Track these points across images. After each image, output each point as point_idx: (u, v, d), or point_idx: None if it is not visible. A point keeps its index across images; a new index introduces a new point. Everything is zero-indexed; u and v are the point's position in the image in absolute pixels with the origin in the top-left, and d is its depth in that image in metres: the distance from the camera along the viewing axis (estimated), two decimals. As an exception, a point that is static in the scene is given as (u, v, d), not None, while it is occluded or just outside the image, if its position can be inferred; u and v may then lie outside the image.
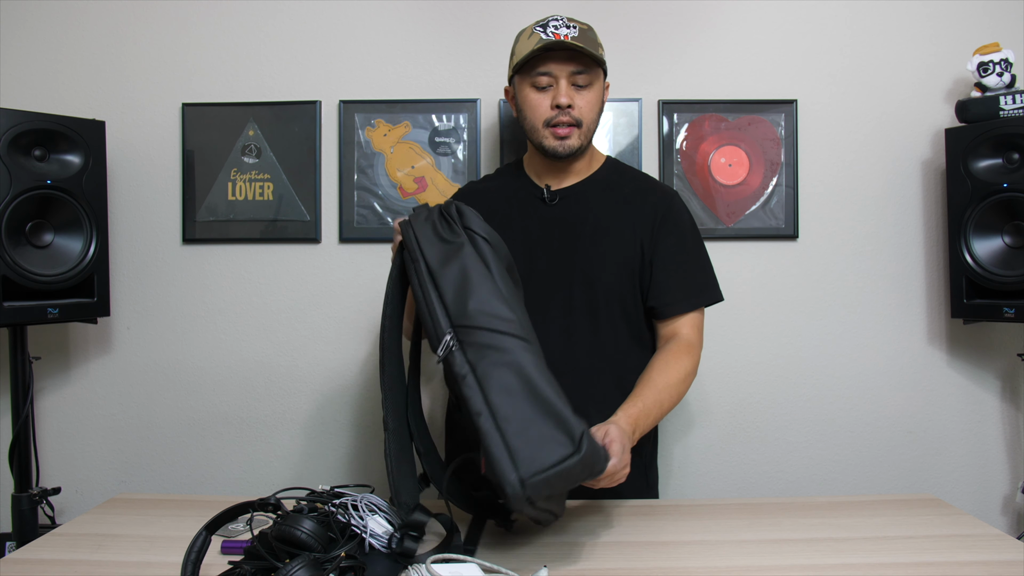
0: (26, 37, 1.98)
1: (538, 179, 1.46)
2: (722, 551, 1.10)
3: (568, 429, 0.92)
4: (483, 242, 1.07)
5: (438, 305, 1.02)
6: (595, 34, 1.41)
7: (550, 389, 0.95)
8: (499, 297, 1.01)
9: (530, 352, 0.98)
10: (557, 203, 1.42)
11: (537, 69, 1.35)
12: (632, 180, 1.49)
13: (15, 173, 1.62)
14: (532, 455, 0.89)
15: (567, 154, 1.38)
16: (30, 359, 1.78)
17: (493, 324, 0.98)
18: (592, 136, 1.42)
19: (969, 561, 1.04)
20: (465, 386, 0.95)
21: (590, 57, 1.34)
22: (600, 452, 0.98)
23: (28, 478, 1.76)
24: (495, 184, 1.53)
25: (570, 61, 1.35)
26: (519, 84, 1.40)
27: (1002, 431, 1.97)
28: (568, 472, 0.90)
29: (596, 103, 1.40)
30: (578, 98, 1.36)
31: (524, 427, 0.91)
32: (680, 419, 1.99)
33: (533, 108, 1.38)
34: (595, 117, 1.40)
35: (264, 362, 1.99)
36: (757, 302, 1.97)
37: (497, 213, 1.42)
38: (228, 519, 0.94)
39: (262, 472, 2.00)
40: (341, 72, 1.98)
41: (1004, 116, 1.75)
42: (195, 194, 1.98)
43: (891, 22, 1.96)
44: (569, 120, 1.35)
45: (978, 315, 1.79)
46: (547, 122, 1.36)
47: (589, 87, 1.37)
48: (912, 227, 1.98)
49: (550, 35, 1.33)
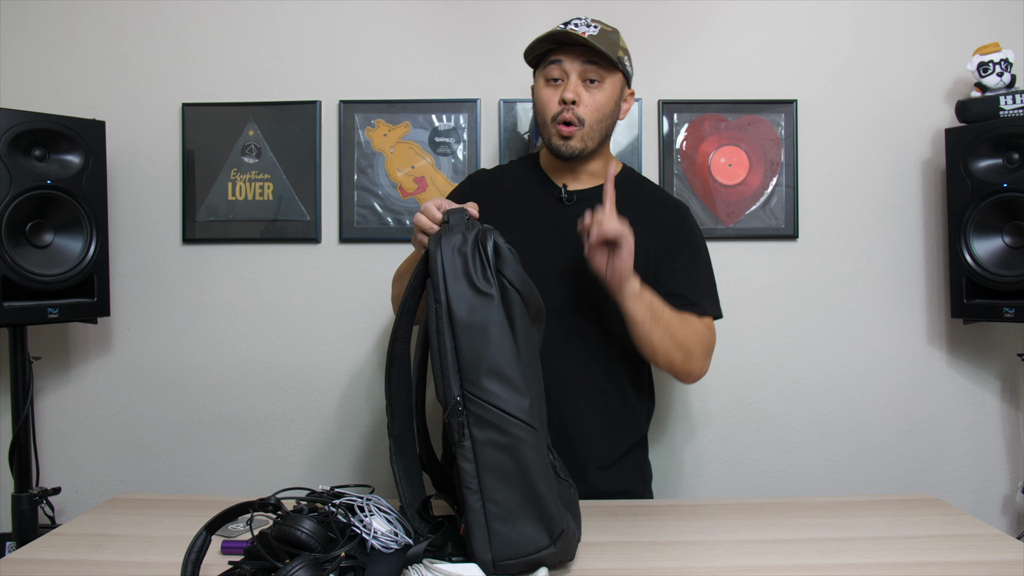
0: (26, 37, 1.98)
1: (555, 177, 1.44)
2: (722, 551, 1.10)
3: (549, 526, 0.95)
4: (515, 295, 0.99)
5: (451, 356, 0.96)
6: (619, 37, 1.38)
7: (543, 483, 0.95)
8: (515, 366, 0.96)
9: (534, 440, 0.95)
10: (574, 203, 1.41)
11: (550, 59, 1.35)
12: (646, 191, 1.50)
13: (15, 173, 1.62)
14: (508, 542, 0.94)
15: (568, 155, 1.36)
16: (30, 359, 1.78)
17: (503, 404, 0.94)
18: (600, 140, 1.39)
19: (969, 561, 1.04)
20: (461, 454, 0.95)
21: (602, 55, 1.31)
22: (572, 546, 0.99)
23: (28, 478, 1.76)
24: (510, 175, 1.50)
25: (582, 55, 1.33)
26: (536, 79, 1.40)
27: (1002, 431, 1.97)
28: (539, 562, 0.95)
29: (605, 104, 1.36)
30: (586, 95, 1.34)
31: (508, 514, 0.94)
32: (680, 419, 1.99)
33: (544, 103, 1.37)
34: (602, 119, 1.36)
35: (264, 362, 1.99)
36: (757, 302, 1.97)
37: (512, 206, 1.41)
38: (228, 519, 0.94)
39: (262, 472, 2.00)
40: (341, 72, 1.98)
41: (1004, 116, 1.75)
42: (195, 194, 1.98)
43: (891, 22, 1.96)
44: (572, 117, 1.33)
45: (978, 315, 1.79)
46: (554, 117, 1.35)
47: (600, 86, 1.35)
48: (912, 227, 1.98)
49: (569, 30, 1.32)
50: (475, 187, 1.49)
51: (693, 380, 1.40)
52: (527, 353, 0.99)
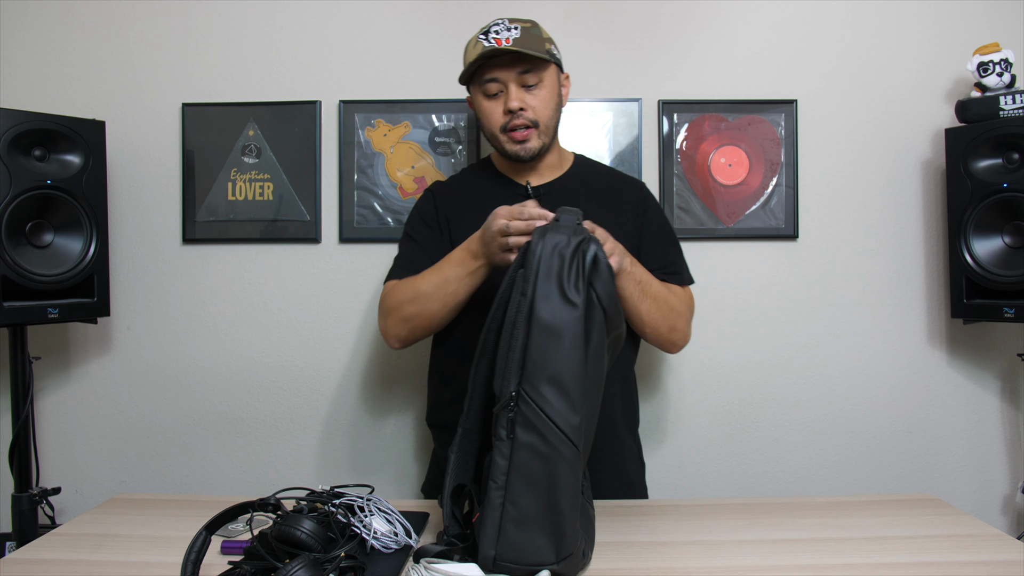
0: (26, 37, 1.98)
1: (516, 176, 1.47)
2: (722, 551, 1.10)
3: (559, 544, 0.95)
4: (599, 312, 0.97)
5: (519, 352, 0.95)
6: (540, 29, 1.39)
7: (568, 502, 0.95)
8: (578, 381, 0.94)
9: (572, 458, 0.94)
10: (542, 198, 1.42)
11: (484, 77, 1.36)
12: (604, 174, 1.55)
13: (15, 173, 1.62)
14: (515, 546, 0.94)
15: (529, 156, 1.38)
16: (30, 359, 1.78)
17: (554, 415, 0.93)
18: (554, 133, 1.42)
19: (969, 561, 1.04)
20: (498, 448, 0.95)
21: (534, 59, 1.33)
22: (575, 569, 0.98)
23: (28, 478, 1.76)
24: (471, 183, 1.51)
25: (515, 63, 1.34)
26: (473, 93, 1.42)
27: (1002, 431, 1.97)
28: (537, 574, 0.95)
29: (550, 100, 1.39)
30: (530, 98, 1.36)
31: (524, 520, 0.94)
32: (680, 419, 1.99)
33: (488, 116, 1.39)
34: (551, 114, 1.39)
35: (264, 362, 1.99)
36: (757, 302, 1.97)
37: (479, 211, 1.38)
38: (228, 519, 0.94)
39: (262, 472, 1.99)
40: (341, 72, 1.98)
41: (1004, 116, 1.75)
42: (195, 194, 1.98)
43: (891, 22, 1.96)
44: (524, 122, 1.36)
45: (978, 315, 1.79)
46: (503, 128, 1.37)
47: (540, 85, 1.37)
48: (912, 227, 1.98)
49: (491, 41, 1.32)
50: (438, 201, 1.49)
51: (678, 349, 1.45)
52: (593, 372, 0.97)
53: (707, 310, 1.97)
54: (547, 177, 1.46)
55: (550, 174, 1.47)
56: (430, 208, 1.48)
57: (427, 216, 1.48)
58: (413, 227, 1.48)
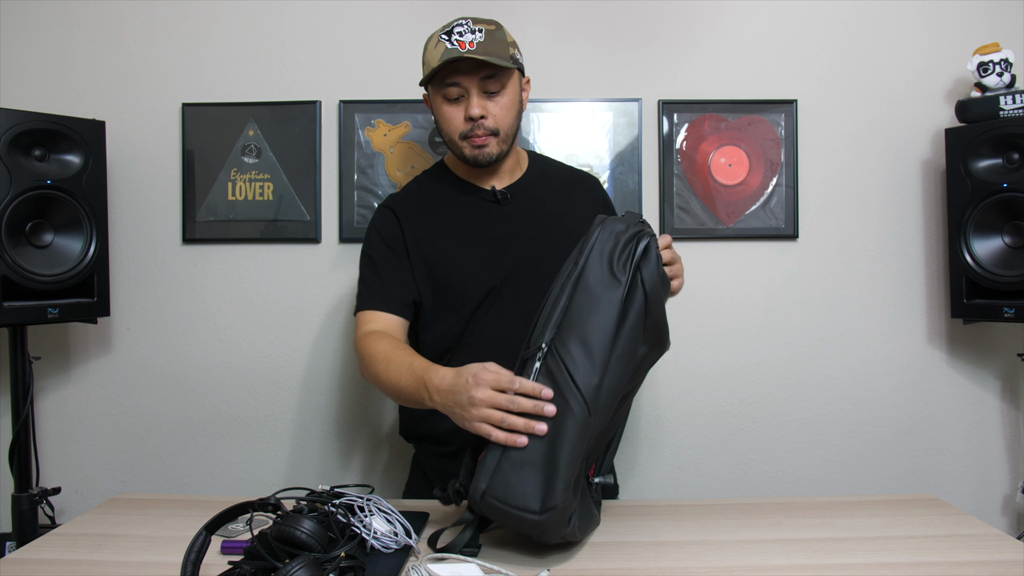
0: (26, 37, 1.98)
1: (478, 181, 1.42)
2: (722, 551, 1.10)
3: (547, 496, 0.97)
4: (641, 294, 1.02)
5: (560, 311, 1.02)
6: (504, 32, 1.35)
7: (566, 459, 0.98)
8: (605, 349, 1.00)
9: (582, 418, 0.98)
10: (509, 201, 1.40)
11: (446, 81, 1.32)
12: (561, 170, 1.55)
13: (15, 173, 1.62)
14: (505, 485, 0.99)
15: (487, 162, 1.35)
16: (30, 359, 1.78)
17: (575, 371, 0.99)
18: (514, 139, 1.39)
19: (969, 561, 1.04)
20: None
21: (498, 67, 1.30)
22: (556, 531, 1.01)
23: (28, 478, 1.76)
24: (432, 193, 1.45)
25: (478, 69, 1.30)
26: (432, 94, 1.37)
27: (1002, 431, 1.97)
28: (519, 521, 0.99)
29: (511, 107, 1.35)
30: (492, 105, 1.32)
31: (521, 464, 0.99)
32: (680, 419, 1.99)
33: (447, 121, 1.35)
34: (512, 122, 1.36)
35: (264, 362, 1.99)
36: (757, 302, 1.97)
37: (446, 219, 1.38)
38: (228, 519, 0.94)
39: (262, 472, 2.00)
40: (341, 72, 1.98)
41: (1004, 116, 1.75)
42: (195, 194, 1.98)
43: (891, 22, 1.96)
44: (484, 131, 1.32)
45: (978, 315, 1.79)
46: (462, 135, 1.33)
47: (502, 92, 1.33)
48: (912, 227, 1.98)
49: (455, 43, 1.28)
50: (402, 220, 1.40)
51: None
52: (623, 349, 1.02)
53: (707, 310, 1.97)
54: (508, 180, 1.44)
55: (510, 177, 1.44)
56: (392, 228, 1.40)
57: (389, 236, 1.39)
58: (373, 248, 1.40)
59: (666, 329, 1.11)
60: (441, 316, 1.37)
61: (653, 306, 1.04)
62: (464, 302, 1.35)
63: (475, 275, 1.35)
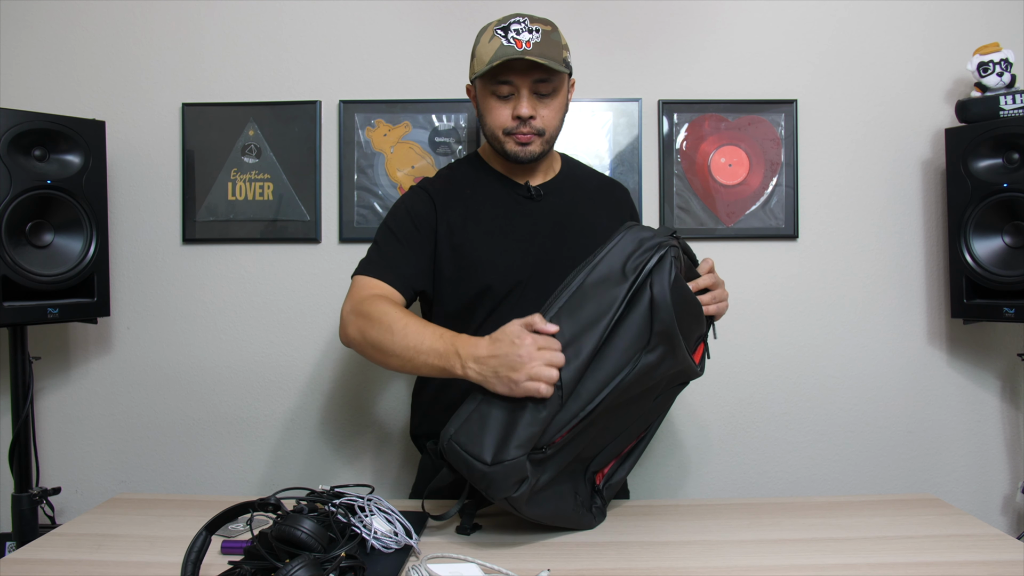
0: (26, 37, 1.98)
1: (513, 177, 1.43)
2: (722, 551, 1.10)
3: (500, 452, 1.02)
4: (647, 297, 1.04)
5: (567, 291, 1.07)
6: (559, 34, 1.35)
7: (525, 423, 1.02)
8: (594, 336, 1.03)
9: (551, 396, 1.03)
10: (543, 198, 1.41)
11: (498, 78, 1.31)
12: (592, 175, 1.56)
13: (15, 173, 1.62)
14: (469, 434, 1.04)
15: (528, 160, 1.35)
16: (30, 359, 1.78)
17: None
18: (555, 142, 1.40)
19: (969, 561, 1.04)
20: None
21: (553, 70, 1.29)
22: (502, 487, 1.04)
23: (28, 478, 1.76)
24: (467, 181, 1.44)
25: (532, 70, 1.29)
26: (480, 88, 1.36)
27: (1002, 431, 1.97)
28: (471, 468, 1.03)
29: (560, 110, 1.36)
30: (541, 107, 1.33)
31: (486, 418, 1.04)
32: (680, 419, 1.99)
33: (494, 116, 1.34)
34: (558, 124, 1.37)
35: (264, 362, 1.99)
36: (757, 302, 1.97)
37: (480, 208, 1.39)
38: (228, 519, 0.94)
39: (262, 472, 2.00)
40: (341, 72, 1.98)
41: (1004, 116, 1.75)
42: (195, 194, 1.98)
43: (891, 22, 1.96)
44: (531, 131, 1.32)
45: (978, 315, 1.79)
46: (507, 131, 1.33)
47: (553, 95, 1.33)
48: (912, 227, 1.98)
49: (511, 41, 1.27)
50: (437, 204, 1.38)
51: None
52: (620, 345, 1.04)
53: (707, 310, 1.97)
54: (542, 178, 1.45)
55: (543, 175, 1.45)
56: (425, 210, 1.38)
57: (418, 216, 1.37)
58: (399, 225, 1.37)
59: (683, 348, 1.09)
60: (463, 305, 1.36)
61: (658, 312, 1.03)
62: (489, 293, 1.34)
63: (504, 267, 1.34)
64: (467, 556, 1.05)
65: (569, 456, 1.10)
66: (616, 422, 1.14)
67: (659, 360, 1.07)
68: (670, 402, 1.25)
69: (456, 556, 1.05)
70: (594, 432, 1.10)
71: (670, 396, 1.23)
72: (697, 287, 1.20)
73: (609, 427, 1.13)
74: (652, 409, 1.21)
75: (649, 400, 1.16)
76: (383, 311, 1.21)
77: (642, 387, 1.09)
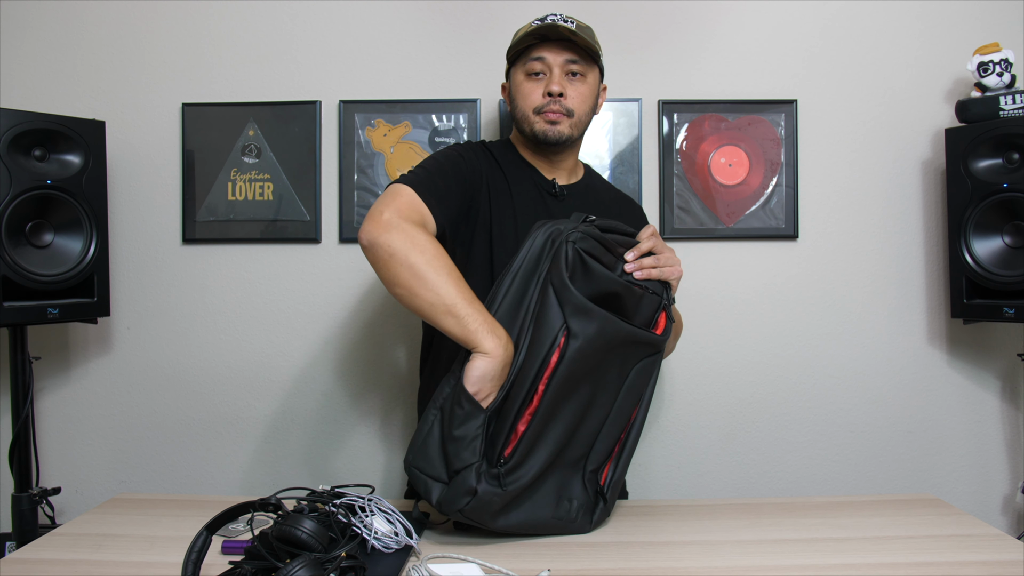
0: (26, 37, 1.98)
1: (542, 170, 1.44)
2: (722, 551, 1.10)
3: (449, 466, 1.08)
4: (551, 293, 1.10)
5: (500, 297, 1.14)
6: (594, 34, 1.41)
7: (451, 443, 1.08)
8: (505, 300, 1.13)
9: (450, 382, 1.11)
10: (565, 198, 1.42)
11: (531, 55, 1.36)
12: (610, 188, 1.59)
13: (15, 173, 1.62)
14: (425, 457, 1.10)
15: (556, 140, 1.36)
16: (30, 359, 1.78)
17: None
18: (583, 131, 1.41)
19: (969, 561, 1.04)
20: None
21: (585, 48, 1.34)
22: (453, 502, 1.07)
23: (28, 478, 1.76)
24: (502, 160, 1.42)
25: (565, 50, 1.34)
26: (514, 74, 1.40)
27: (1002, 431, 1.97)
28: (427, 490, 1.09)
29: (589, 97, 1.39)
30: (571, 88, 1.36)
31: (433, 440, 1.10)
32: (680, 419, 1.99)
33: (525, 96, 1.37)
34: (587, 111, 1.39)
35: (264, 362, 1.99)
36: (757, 302, 1.97)
37: (510, 193, 1.38)
38: (229, 519, 0.94)
39: (262, 472, 2.00)
40: (341, 72, 1.98)
41: (1004, 116, 1.75)
42: (195, 194, 1.98)
43: (891, 22, 1.96)
44: (560, 109, 1.34)
45: (978, 315, 1.79)
46: (537, 109, 1.35)
47: (583, 79, 1.37)
48: (912, 227, 1.98)
49: (550, 22, 1.33)
50: (485, 161, 1.38)
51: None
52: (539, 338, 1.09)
53: (707, 310, 1.97)
54: (567, 179, 1.46)
55: (567, 177, 1.46)
56: (476, 165, 1.35)
57: (469, 171, 1.33)
58: (452, 164, 1.31)
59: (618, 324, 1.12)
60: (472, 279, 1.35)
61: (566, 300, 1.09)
62: (496, 272, 1.33)
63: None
64: (467, 556, 1.05)
65: (542, 460, 1.10)
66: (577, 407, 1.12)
67: (589, 342, 1.08)
68: (647, 377, 1.20)
69: (456, 556, 1.05)
70: (558, 428, 1.11)
71: (644, 372, 1.19)
72: (640, 251, 1.19)
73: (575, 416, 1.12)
74: (624, 387, 1.17)
75: (610, 377, 1.15)
76: (438, 247, 1.15)
77: (586, 370, 1.10)
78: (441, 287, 1.10)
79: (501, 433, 1.08)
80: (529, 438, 1.08)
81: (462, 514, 1.07)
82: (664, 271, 1.20)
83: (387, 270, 1.13)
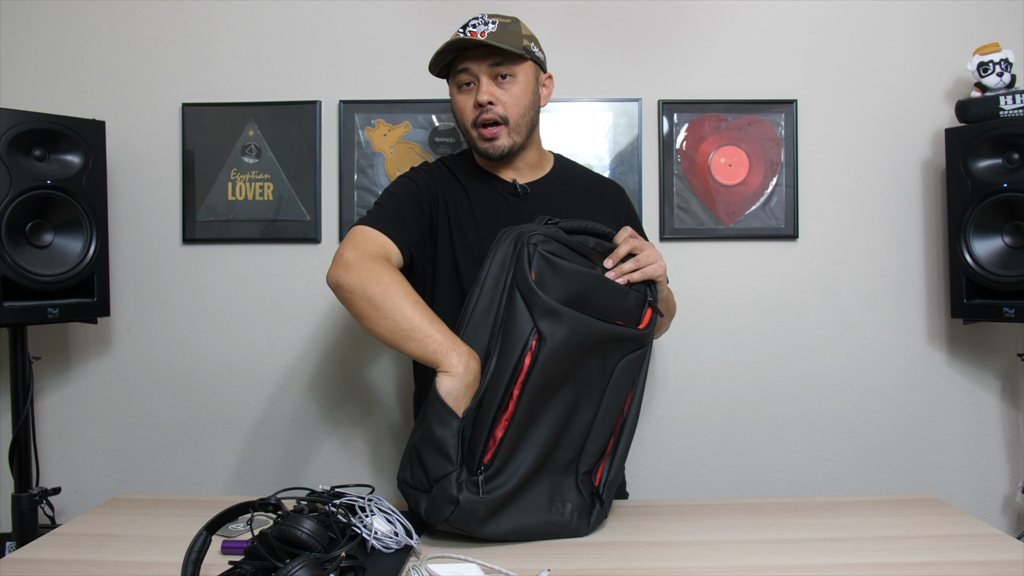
0: (26, 37, 1.98)
1: (500, 174, 1.43)
2: (722, 551, 1.10)
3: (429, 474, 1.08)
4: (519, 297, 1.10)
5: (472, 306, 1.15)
6: (520, 26, 1.37)
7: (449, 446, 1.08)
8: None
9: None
10: (530, 196, 1.41)
11: (458, 67, 1.35)
12: (585, 175, 1.55)
13: (15, 173, 1.62)
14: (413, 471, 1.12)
15: (498, 155, 1.35)
16: (30, 359, 1.78)
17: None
18: (527, 132, 1.38)
19: (969, 561, 1.04)
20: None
21: (505, 52, 1.32)
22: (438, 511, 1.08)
23: (28, 478, 1.76)
24: (455, 169, 1.44)
25: (488, 56, 1.32)
26: (450, 87, 1.40)
27: (1002, 431, 1.97)
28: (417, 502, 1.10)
29: (522, 96, 1.35)
30: (500, 93, 1.33)
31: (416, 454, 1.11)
32: (680, 419, 1.99)
33: (460, 110, 1.37)
34: (523, 111, 1.35)
35: (264, 362, 1.99)
36: (757, 302, 1.97)
37: (470, 202, 1.39)
38: (228, 519, 0.94)
39: (262, 472, 2.00)
40: (341, 72, 1.98)
41: (1004, 116, 1.75)
42: (195, 194, 1.98)
43: (891, 22, 1.96)
44: (493, 118, 1.33)
45: (978, 315, 1.79)
46: (473, 122, 1.35)
47: (513, 79, 1.34)
48: (912, 227, 1.98)
49: (467, 34, 1.31)
50: (439, 180, 1.41)
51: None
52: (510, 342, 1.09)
53: (707, 310, 1.97)
54: (530, 176, 1.45)
55: (531, 173, 1.45)
56: (429, 184, 1.39)
57: (423, 187, 1.38)
58: (403, 191, 1.36)
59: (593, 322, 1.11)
60: (441, 294, 1.37)
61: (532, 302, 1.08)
62: (466, 285, 1.34)
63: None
64: (467, 556, 1.05)
65: (526, 465, 1.09)
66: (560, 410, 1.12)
67: (562, 344, 1.08)
68: (635, 373, 1.19)
69: (456, 556, 1.05)
70: (541, 432, 1.10)
71: (630, 368, 1.18)
72: (618, 256, 1.19)
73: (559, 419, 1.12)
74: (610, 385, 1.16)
75: (593, 376, 1.14)
76: (395, 276, 1.18)
77: (564, 371, 1.10)
78: (398, 313, 1.13)
79: (479, 440, 1.07)
80: (508, 444, 1.08)
81: (448, 524, 1.07)
82: (646, 271, 1.19)
83: (351, 307, 1.19)
